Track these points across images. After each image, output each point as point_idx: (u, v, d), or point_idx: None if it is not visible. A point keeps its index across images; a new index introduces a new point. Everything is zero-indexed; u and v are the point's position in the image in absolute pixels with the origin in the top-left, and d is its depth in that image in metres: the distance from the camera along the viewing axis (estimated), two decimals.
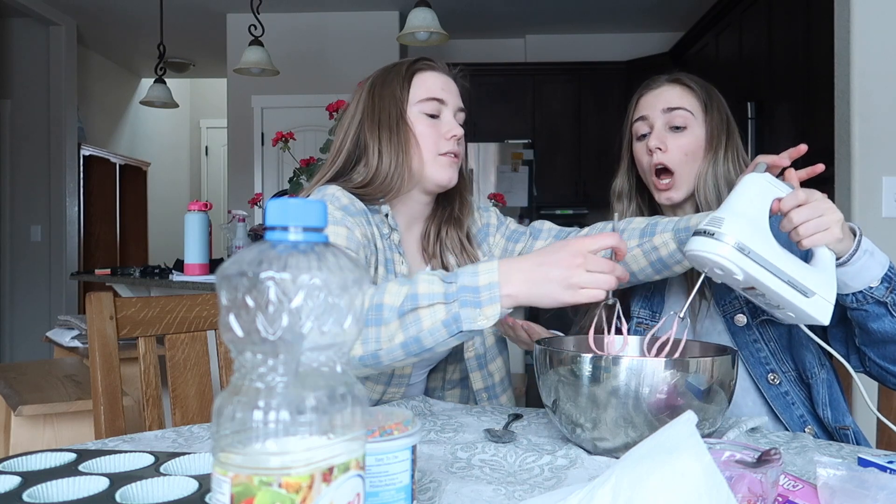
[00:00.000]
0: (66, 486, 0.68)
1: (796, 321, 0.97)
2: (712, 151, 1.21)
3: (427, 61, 1.22)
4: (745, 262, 0.91)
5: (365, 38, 5.22)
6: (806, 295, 0.92)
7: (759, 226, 0.94)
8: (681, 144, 1.22)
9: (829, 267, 0.95)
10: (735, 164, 1.23)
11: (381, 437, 0.62)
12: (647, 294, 1.26)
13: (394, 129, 1.16)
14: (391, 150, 1.16)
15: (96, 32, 5.66)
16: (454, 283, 0.86)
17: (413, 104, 1.18)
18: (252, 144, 5.39)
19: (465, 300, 0.85)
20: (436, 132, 1.18)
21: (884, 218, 2.18)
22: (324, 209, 0.48)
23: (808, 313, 0.93)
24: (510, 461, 0.86)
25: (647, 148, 1.24)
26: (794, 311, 0.94)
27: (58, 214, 5.26)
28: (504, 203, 2.89)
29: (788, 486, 0.69)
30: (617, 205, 1.33)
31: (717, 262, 0.92)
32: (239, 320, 0.43)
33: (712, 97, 1.25)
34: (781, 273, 0.92)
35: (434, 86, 1.20)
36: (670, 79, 1.27)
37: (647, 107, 1.26)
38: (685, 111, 1.23)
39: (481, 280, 0.85)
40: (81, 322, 2.74)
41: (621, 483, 0.55)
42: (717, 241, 0.91)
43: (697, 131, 1.23)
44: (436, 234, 1.26)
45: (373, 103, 1.19)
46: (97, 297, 1.20)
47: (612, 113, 5.64)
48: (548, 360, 0.90)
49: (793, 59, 3.45)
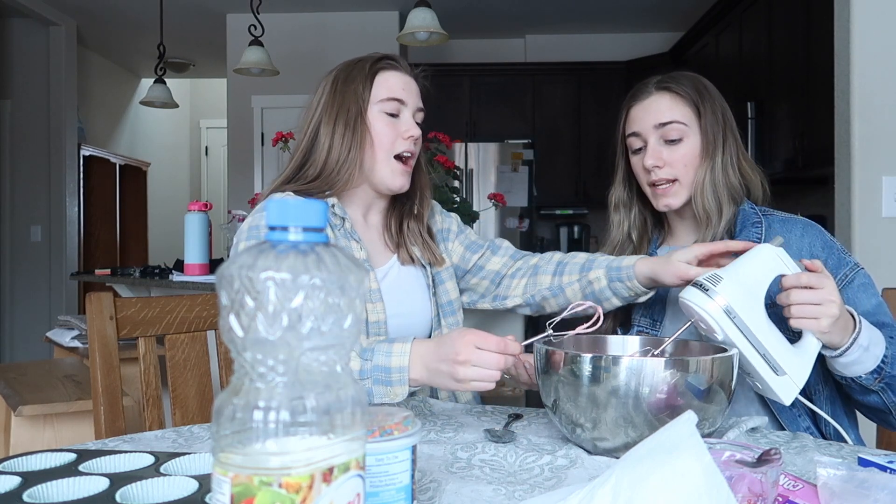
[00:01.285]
0: (66, 486, 0.68)
1: (762, 392, 1.00)
2: (709, 158, 1.18)
3: (390, 60, 1.23)
4: (728, 324, 0.93)
5: (365, 38, 5.21)
6: (776, 372, 0.94)
7: (754, 295, 0.95)
8: (677, 157, 1.19)
9: (809, 353, 0.96)
10: (733, 166, 1.20)
11: (381, 437, 0.62)
12: (648, 302, 1.22)
13: (350, 125, 1.18)
14: (343, 144, 1.18)
15: (96, 32, 5.66)
16: (370, 361, 0.97)
17: (374, 103, 1.20)
18: (252, 144, 5.39)
19: (377, 378, 0.96)
20: (394, 131, 1.20)
21: (884, 218, 2.18)
22: (324, 209, 0.48)
23: (773, 389, 0.95)
24: (510, 461, 0.86)
25: (643, 165, 1.21)
26: (762, 383, 0.97)
27: (58, 214, 5.26)
28: (504, 203, 2.88)
29: (788, 486, 0.69)
30: (615, 216, 1.31)
31: (702, 317, 0.95)
32: (239, 320, 0.43)
33: (704, 98, 1.20)
34: (759, 345, 0.94)
35: (395, 86, 1.21)
36: (659, 86, 1.22)
37: (638, 121, 1.22)
38: (678, 124, 1.19)
39: (393, 362, 0.96)
40: (81, 322, 2.74)
41: (621, 483, 0.55)
42: (709, 297, 0.94)
43: (693, 140, 1.19)
44: (398, 226, 1.28)
45: (333, 99, 1.21)
46: (97, 297, 1.20)
47: (612, 113, 5.53)
48: (548, 360, 0.90)
49: (793, 59, 3.45)
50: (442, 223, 1.36)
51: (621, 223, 1.30)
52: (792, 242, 1.14)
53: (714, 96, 1.22)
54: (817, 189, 3.61)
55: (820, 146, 2.66)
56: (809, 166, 3.27)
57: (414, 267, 1.28)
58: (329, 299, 0.44)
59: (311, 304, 0.43)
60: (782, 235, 1.12)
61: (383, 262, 1.25)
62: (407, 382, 0.96)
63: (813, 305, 0.93)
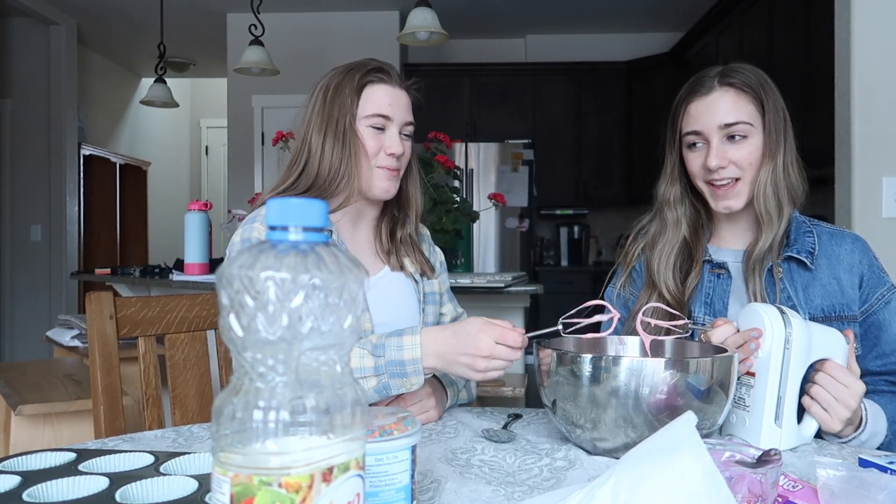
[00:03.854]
0: (65, 485, 0.68)
1: (733, 427, 0.97)
2: (771, 157, 1.13)
3: (379, 73, 1.21)
4: (777, 351, 0.93)
5: (365, 38, 5.21)
6: (776, 420, 0.93)
7: (808, 351, 0.95)
8: (742, 156, 1.13)
9: (806, 430, 0.96)
10: (793, 165, 1.16)
11: (381, 437, 0.62)
12: (707, 298, 1.18)
13: (340, 137, 1.18)
14: (334, 156, 1.18)
15: (96, 32, 5.66)
16: (382, 357, 1.01)
17: (360, 118, 1.20)
18: (252, 144, 5.39)
19: (392, 372, 1.01)
20: (378, 145, 1.20)
21: (884, 218, 2.18)
22: (324, 209, 0.48)
23: (759, 429, 0.93)
24: (509, 462, 0.86)
25: (705, 164, 1.14)
26: (750, 420, 0.95)
27: (58, 214, 5.26)
28: (504, 203, 2.88)
29: (788, 487, 0.69)
30: (670, 213, 1.22)
31: (765, 327, 0.93)
32: (239, 320, 0.43)
33: (767, 92, 1.14)
34: (783, 388, 0.93)
35: (382, 101, 1.20)
36: (722, 81, 1.14)
37: (699, 120, 1.14)
38: (744, 125, 1.12)
39: (406, 355, 1.01)
40: (81, 322, 2.74)
41: (621, 483, 0.55)
42: (782, 319, 0.93)
43: (757, 139, 1.13)
44: (389, 235, 1.28)
45: (323, 110, 1.21)
46: (97, 297, 1.20)
47: (612, 113, 5.64)
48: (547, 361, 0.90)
49: (793, 59, 3.45)
50: (430, 252, 1.35)
51: (678, 221, 1.22)
52: (842, 256, 1.14)
53: (775, 89, 1.16)
54: (817, 189, 3.59)
55: (820, 146, 2.66)
56: (809, 166, 3.26)
57: (405, 278, 1.27)
58: (329, 299, 0.44)
59: (311, 304, 0.43)
60: (832, 248, 1.15)
61: (373, 273, 1.25)
62: (422, 372, 1.01)
63: (830, 399, 0.94)
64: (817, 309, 1.12)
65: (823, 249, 1.15)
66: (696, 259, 1.18)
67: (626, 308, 1.25)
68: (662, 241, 1.21)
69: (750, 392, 0.95)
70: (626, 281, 1.26)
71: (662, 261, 1.19)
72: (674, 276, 1.18)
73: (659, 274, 1.18)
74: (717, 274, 1.17)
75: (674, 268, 1.19)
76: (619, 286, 1.27)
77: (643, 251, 1.25)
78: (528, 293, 2.57)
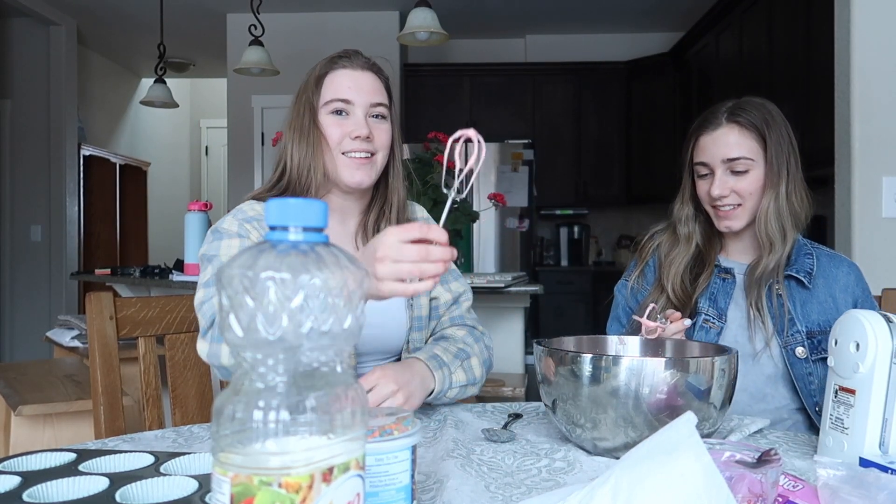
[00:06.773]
0: (65, 486, 0.68)
1: (831, 453, 0.87)
2: (773, 187, 1.24)
3: (341, 58, 1.21)
4: (883, 365, 0.81)
5: (365, 38, 5.21)
6: (880, 445, 0.82)
7: None
8: (743, 186, 1.25)
9: None
10: (797, 192, 1.27)
11: (381, 437, 0.62)
12: (712, 295, 1.30)
13: (304, 132, 1.19)
14: (300, 151, 1.19)
15: (96, 32, 5.66)
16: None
17: (320, 107, 1.19)
18: (252, 144, 5.39)
19: None
20: (341, 131, 1.17)
21: (884, 218, 2.18)
22: (324, 209, 0.47)
23: (845, 438, 0.84)
24: (509, 462, 0.86)
25: (709, 192, 1.27)
26: (849, 445, 0.84)
27: (58, 214, 5.25)
28: (504, 203, 2.88)
29: (788, 487, 0.69)
30: (682, 228, 1.37)
31: (866, 339, 0.82)
32: (239, 320, 0.43)
33: (771, 128, 1.25)
34: (889, 408, 0.81)
35: (340, 86, 1.18)
36: (729, 118, 1.26)
37: (706, 152, 1.28)
38: (745, 160, 1.24)
39: None
40: (81, 322, 2.73)
41: (621, 483, 0.55)
42: (888, 322, 0.82)
43: (758, 171, 1.25)
44: (375, 230, 1.25)
45: (292, 108, 1.23)
46: (97, 297, 1.20)
47: (612, 113, 5.64)
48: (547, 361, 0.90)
49: (793, 59, 3.45)
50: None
51: (690, 237, 1.36)
52: (839, 277, 1.27)
53: (780, 124, 1.27)
54: (817, 189, 3.59)
55: (820, 146, 2.66)
56: (809, 167, 3.25)
57: None
58: (329, 299, 0.44)
59: (311, 304, 0.43)
60: (830, 269, 1.27)
61: None
62: None
63: None
64: (814, 324, 1.23)
65: (822, 270, 1.28)
66: (708, 263, 1.32)
67: (635, 299, 1.39)
68: (674, 252, 1.36)
69: (849, 412, 0.83)
70: (640, 275, 1.41)
71: (673, 269, 1.34)
72: (682, 281, 1.32)
73: (668, 279, 1.33)
74: (723, 277, 1.31)
75: (683, 273, 1.33)
76: (633, 279, 1.41)
77: (657, 249, 1.40)
78: (528, 293, 2.58)
